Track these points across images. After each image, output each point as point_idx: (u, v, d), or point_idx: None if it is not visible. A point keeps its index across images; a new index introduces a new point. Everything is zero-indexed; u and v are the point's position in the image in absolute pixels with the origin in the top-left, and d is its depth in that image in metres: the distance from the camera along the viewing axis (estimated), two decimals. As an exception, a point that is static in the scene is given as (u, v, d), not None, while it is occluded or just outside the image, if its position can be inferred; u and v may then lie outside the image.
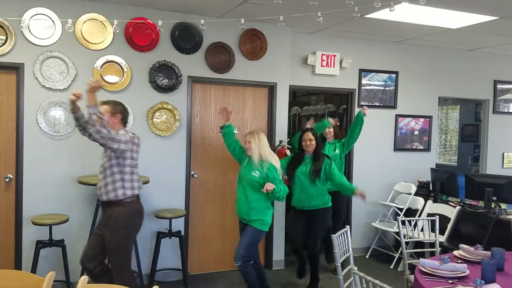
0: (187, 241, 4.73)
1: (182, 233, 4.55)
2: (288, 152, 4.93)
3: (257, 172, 3.77)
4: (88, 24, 4.26)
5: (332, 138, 5.02)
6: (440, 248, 3.91)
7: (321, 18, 3.58)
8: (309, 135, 4.23)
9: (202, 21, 3.51)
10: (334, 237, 2.90)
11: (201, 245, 4.88)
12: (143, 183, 4.10)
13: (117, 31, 4.06)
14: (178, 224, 4.58)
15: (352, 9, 3.59)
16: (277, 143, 5.06)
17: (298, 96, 8.43)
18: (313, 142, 4.22)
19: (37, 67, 4.10)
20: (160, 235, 4.33)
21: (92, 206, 4.20)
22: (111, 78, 4.37)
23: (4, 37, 3.98)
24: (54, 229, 3.95)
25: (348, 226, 3.20)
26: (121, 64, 4.39)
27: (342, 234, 3.06)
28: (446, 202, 5.13)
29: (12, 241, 4.16)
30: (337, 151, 4.93)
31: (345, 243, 3.10)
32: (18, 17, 3.96)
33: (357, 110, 5.64)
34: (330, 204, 4.30)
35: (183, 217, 4.57)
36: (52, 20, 4.11)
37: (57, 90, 4.19)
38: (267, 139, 4.99)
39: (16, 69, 4.06)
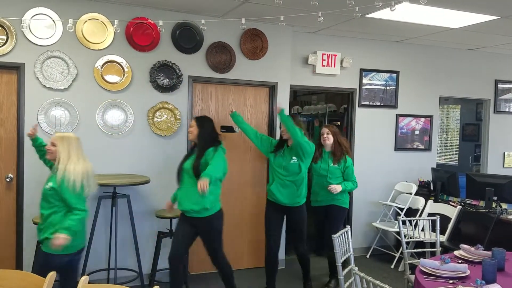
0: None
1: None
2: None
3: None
4: (88, 24, 4.26)
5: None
6: (440, 248, 3.91)
7: (322, 18, 3.58)
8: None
9: (202, 21, 3.51)
10: (335, 237, 2.90)
11: (202, 245, 4.85)
12: (144, 183, 4.12)
13: (118, 31, 4.06)
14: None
15: (353, 9, 3.59)
16: (277, 142, 5.05)
17: (299, 95, 8.43)
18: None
19: (38, 67, 4.10)
20: (160, 235, 4.34)
21: (93, 206, 4.19)
22: (111, 78, 4.37)
23: (5, 37, 3.98)
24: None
25: (348, 226, 3.20)
26: (121, 64, 4.40)
27: (343, 234, 3.06)
28: (447, 202, 5.13)
29: (13, 241, 4.16)
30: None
31: (346, 243, 3.10)
32: (19, 17, 3.96)
33: (358, 110, 5.66)
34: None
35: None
36: (53, 20, 4.11)
37: (58, 90, 4.19)
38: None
39: (17, 69, 4.07)
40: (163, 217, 4.28)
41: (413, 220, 4.01)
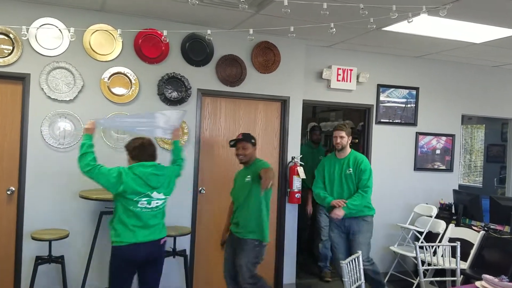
0: (192, 261, 4.53)
1: (187, 252, 4.36)
2: (300, 169, 4.71)
3: None
4: (96, 35, 4.18)
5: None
6: (462, 276, 3.62)
7: (334, 29, 3.42)
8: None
9: (208, 31, 3.37)
10: (344, 263, 2.66)
11: (208, 266, 4.66)
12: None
13: (121, 40, 3.97)
14: (183, 243, 4.39)
15: (367, 21, 3.41)
16: (289, 159, 4.85)
17: (317, 112, 8.28)
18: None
19: (43, 77, 4.03)
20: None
21: (94, 221, 4.06)
22: (118, 90, 4.27)
23: (11, 47, 3.92)
24: (54, 244, 3.82)
25: (360, 251, 2.95)
26: (129, 76, 4.29)
27: (353, 260, 2.81)
28: (469, 226, 4.86)
29: (12, 255, 4.04)
30: None
31: (356, 270, 2.85)
32: (26, 27, 3.90)
33: (375, 127, 5.43)
34: None
35: (189, 235, 4.39)
36: (60, 30, 4.05)
37: (63, 101, 4.11)
38: (279, 155, 4.86)
39: (22, 79, 4.00)
40: (167, 235, 4.08)
41: (432, 246, 3.72)
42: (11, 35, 3.92)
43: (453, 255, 3.65)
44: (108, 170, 3.08)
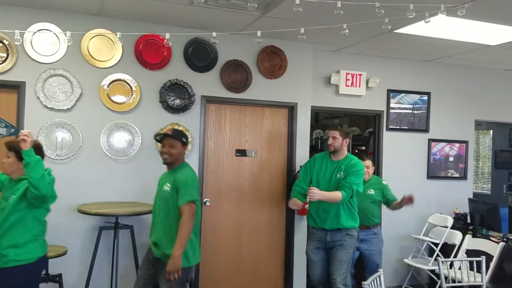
0: (197, 281, 4.29)
1: (192, 269, 4.12)
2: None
3: None
4: (95, 40, 3.99)
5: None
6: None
7: (347, 30, 3.21)
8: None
9: (214, 34, 3.17)
10: (366, 284, 2.43)
11: (213, 285, 4.42)
12: (148, 213, 3.72)
13: (121, 45, 3.79)
14: (188, 258, 4.16)
15: (381, 22, 3.22)
16: (297, 168, 4.63)
17: (320, 119, 8.07)
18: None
19: (39, 85, 3.83)
20: (167, 270, 3.92)
21: (93, 237, 3.83)
22: (118, 97, 4.07)
23: (5, 54, 3.73)
24: (51, 262, 3.58)
25: (381, 270, 2.73)
26: (130, 83, 4.10)
27: (375, 280, 2.59)
28: (487, 237, 4.65)
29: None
30: None
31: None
32: (19, 31, 3.70)
33: (385, 133, 5.22)
34: None
35: (193, 250, 4.15)
36: (56, 35, 3.85)
37: (60, 110, 3.90)
38: (286, 164, 4.64)
39: (17, 88, 3.80)
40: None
41: (453, 261, 3.50)
42: (5, 41, 3.73)
43: (472, 267, 3.44)
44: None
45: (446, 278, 3.41)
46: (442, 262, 3.36)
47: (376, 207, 4.35)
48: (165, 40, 3.16)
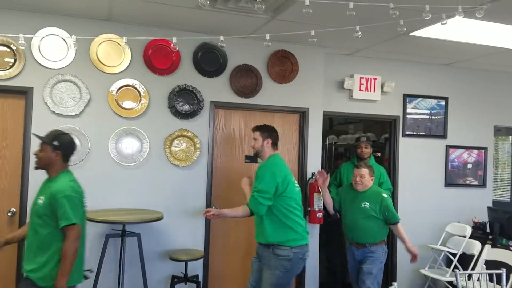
0: (206, 287, 4.20)
1: (200, 278, 4.04)
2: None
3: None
4: (104, 46, 3.95)
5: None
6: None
7: (360, 33, 3.10)
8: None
9: (221, 38, 3.09)
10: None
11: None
12: (156, 220, 3.65)
13: (129, 49, 3.74)
14: (196, 267, 4.07)
15: (395, 24, 3.10)
16: (309, 175, 4.51)
17: (334, 125, 7.92)
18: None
19: (47, 91, 3.79)
20: (174, 280, 3.85)
21: (99, 245, 3.77)
22: (127, 103, 4.02)
23: (13, 59, 3.71)
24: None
25: (395, 284, 2.59)
26: (138, 88, 4.04)
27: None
28: (507, 247, 4.48)
29: (13, 281, 3.78)
30: None
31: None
32: (29, 38, 3.68)
33: (401, 140, 5.06)
34: None
35: (202, 259, 4.06)
36: (64, 40, 3.82)
37: (68, 116, 3.86)
38: (298, 170, 4.53)
39: (24, 93, 3.77)
40: (178, 259, 3.78)
41: (472, 274, 3.33)
42: (12, 46, 3.71)
43: (491, 279, 3.27)
44: None
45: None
46: (460, 274, 3.18)
47: (372, 223, 3.78)
48: (172, 44, 3.09)
